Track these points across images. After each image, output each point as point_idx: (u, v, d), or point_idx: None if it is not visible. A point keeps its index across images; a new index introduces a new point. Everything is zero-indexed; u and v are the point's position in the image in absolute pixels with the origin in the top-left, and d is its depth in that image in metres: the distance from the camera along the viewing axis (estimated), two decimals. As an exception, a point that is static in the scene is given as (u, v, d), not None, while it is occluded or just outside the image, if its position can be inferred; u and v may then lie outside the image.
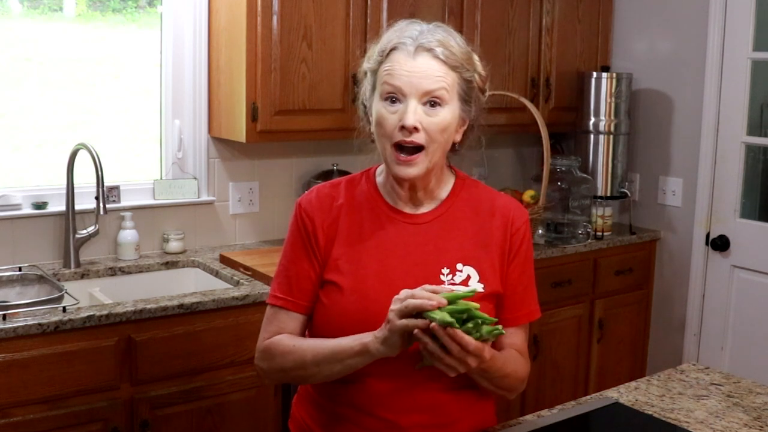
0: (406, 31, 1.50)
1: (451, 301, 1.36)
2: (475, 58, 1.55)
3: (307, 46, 2.87)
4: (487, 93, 1.60)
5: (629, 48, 3.79)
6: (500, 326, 1.37)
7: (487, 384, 1.53)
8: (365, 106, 1.57)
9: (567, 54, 3.67)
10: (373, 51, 1.54)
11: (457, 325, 1.33)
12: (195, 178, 3.07)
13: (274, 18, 2.79)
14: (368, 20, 2.98)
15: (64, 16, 2.91)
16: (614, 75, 3.61)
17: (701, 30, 3.46)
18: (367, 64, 1.55)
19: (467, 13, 3.29)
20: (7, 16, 2.79)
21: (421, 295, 1.35)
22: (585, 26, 3.72)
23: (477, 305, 1.35)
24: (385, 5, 3.03)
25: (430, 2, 3.17)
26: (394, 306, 1.37)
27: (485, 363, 1.39)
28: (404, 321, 1.35)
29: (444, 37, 1.50)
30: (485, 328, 1.36)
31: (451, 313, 1.33)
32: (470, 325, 1.34)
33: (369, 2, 3.00)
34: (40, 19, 2.85)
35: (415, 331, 1.34)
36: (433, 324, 1.33)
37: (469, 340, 1.33)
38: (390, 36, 1.52)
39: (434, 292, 1.36)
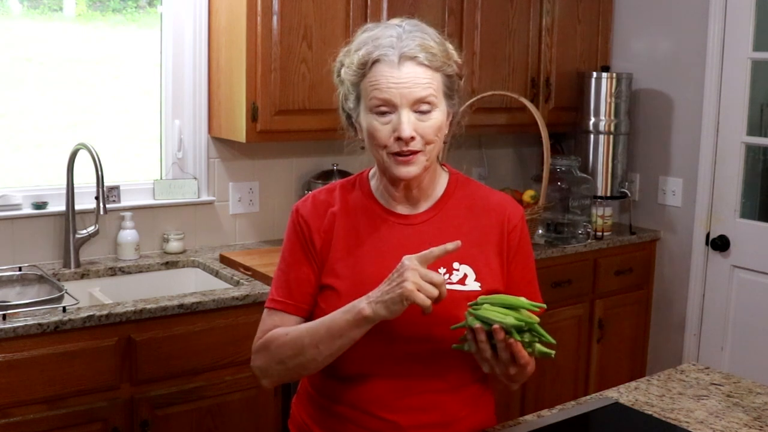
0: (383, 39, 1.47)
1: (515, 307, 1.35)
2: (449, 47, 1.53)
3: (307, 46, 2.87)
4: (463, 78, 1.58)
5: (629, 48, 3.79)
6: (554, 351, 1.37)
7: (503, 378, 1.52)
8: (348, 114, 1.55)
9: (567, 54, 3.67)
10: (351, 60, 1.49)
11: (518, 337, 1.33)
12: (195, 178, 3.07)
13: (274, 18, 2.79)
14: (368, 20, 2.97)
15: (64, 16, 2.91)
16: (614, 75, 3.61)
17: (701, 30, 3.46)
18: (346, 74, 1.51)
19: (467, 13, 3.29)
20: (7, 16, 2.79)
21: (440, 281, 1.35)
22: (585, 26, 3.72)
23: (538, 319, 1.35)
24: (385, 5, 3.04)
25: (430, 2, 3.17)
26: (410, 263, 1.36)
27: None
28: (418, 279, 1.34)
29: (422, 39, 1.47)
30: (538, 347, 1.35)
31: (514, 324, 1.33)
32: (526, 338, 1.34)
33: (369, 2, 3.00)
34: (40, 19, 2.85)
35: (476, 325, 1.34)
36: (497, 326, 1.32)
37: (523, 354, 1.35)
38: (367, 45, 1.48)
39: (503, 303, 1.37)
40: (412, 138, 1.45)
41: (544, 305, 1.40)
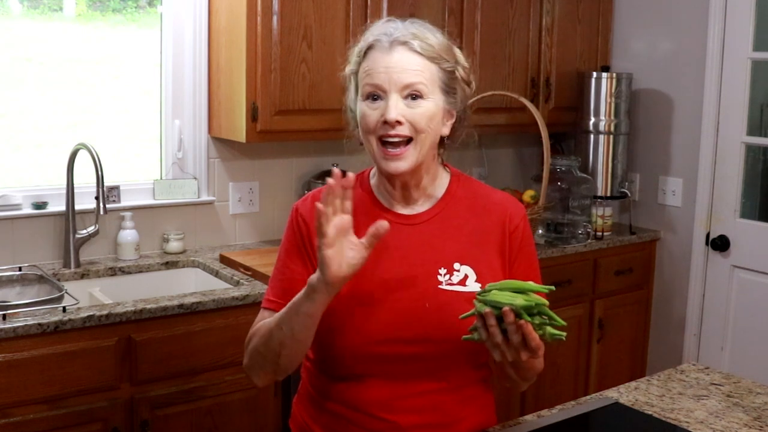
0: (382, 29, 1.50)
1: (523, 290, 1.34)
2: (456, 50, 1.55)
3: (307, 46, 2.87)
4: (473, 85, 1.59)
5: (629, 48, 3.79)
6: (565, 333, 1.35)
7: (513, 372, 1.51)
8: (353, 111, 1.57)
9: (567, 54, 3.67)
10: (353, 52, 1.54)
11: (528, 318, 1.32)
12: (195, 178, 3.07)
13: (274, 18, 2.79)
14: (368, 20, 2.97)
15: (64, 16, 2.91)
16: (614, 75, 3.61)
17: (701, 30, 3.46)
18: (348, 68, 1.55)
19: (467, 13, 3.29)
20: (7, 16, 2.79)
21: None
22: (585, 26, 3.72)
23: (547, 302, 1.34)
24: (385, 5, 3.04)
25: (430, 2, 3.17)
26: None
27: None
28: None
29: (419, 30, 1.50)
30: (549, 330, 1.34)
31: (523, 305, 1.31)
32: (537, 321, 1.33)
33: (369, 2, 3.00)
34: (40, 19, 2.85)
35: (485, 310, 1.33)
36: (506, 308, 1.31)
37: (534, 336, 1.32)
38: (366, 36, 1.52)
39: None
40: (399, 122, 1.46)
41: (552, 287, 1.38)
